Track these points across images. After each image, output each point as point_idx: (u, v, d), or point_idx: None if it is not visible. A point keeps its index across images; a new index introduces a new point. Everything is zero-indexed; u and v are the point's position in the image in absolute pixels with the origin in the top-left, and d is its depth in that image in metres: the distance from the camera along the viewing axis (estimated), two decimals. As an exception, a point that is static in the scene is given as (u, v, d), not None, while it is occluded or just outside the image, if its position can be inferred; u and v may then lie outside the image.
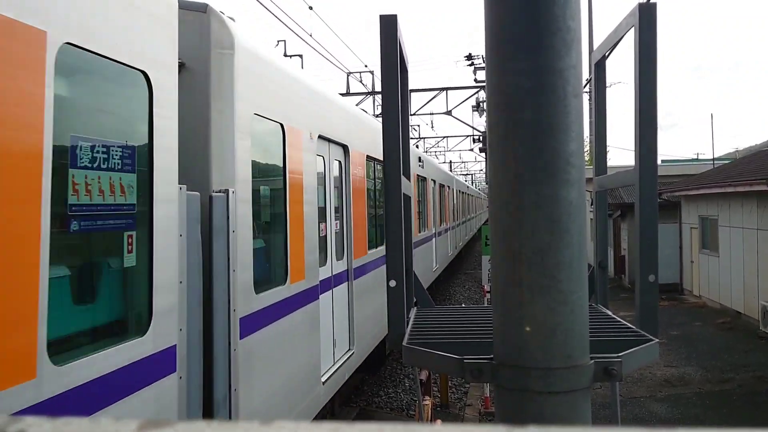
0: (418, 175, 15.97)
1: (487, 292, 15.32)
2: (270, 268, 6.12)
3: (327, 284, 7.67)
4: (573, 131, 1.70)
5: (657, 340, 2.22)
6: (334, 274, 8.02)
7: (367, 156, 9.79)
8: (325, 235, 7.69)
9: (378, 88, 29.18)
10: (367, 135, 9.78)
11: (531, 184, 1.70)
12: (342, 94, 15.55)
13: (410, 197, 3.28)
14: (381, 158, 2.36)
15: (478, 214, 49.17)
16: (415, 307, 3.18)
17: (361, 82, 28.82)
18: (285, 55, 18.47)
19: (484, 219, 54.98)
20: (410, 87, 4.04)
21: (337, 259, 8.21)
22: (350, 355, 8.35)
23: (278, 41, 19.54)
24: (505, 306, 1.77)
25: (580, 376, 1.71)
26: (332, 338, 7.83)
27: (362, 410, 10.44)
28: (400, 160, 2.38)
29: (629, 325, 2.57)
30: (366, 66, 28.76)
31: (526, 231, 1.70)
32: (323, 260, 7.50)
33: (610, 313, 2.94)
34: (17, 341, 2.78)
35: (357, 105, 19.02)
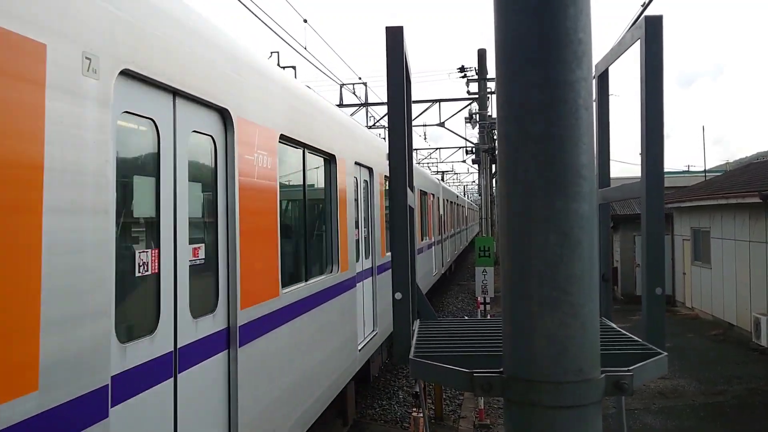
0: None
1: (481, 303, 15.27)
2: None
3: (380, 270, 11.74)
4: (584, 143, 1.69)
5: (666, 353, 2.21)
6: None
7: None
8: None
9: (371, 99, 29.26)
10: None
11: (541, 197, 1.68)
12: (337, 106, 15.59)
13: (413, 209, 3.28)
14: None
15: (464, 228, 46.50)
16: (418, 320, 3.16)
17: (354, 93, 28.89)
18: (278, 65, 18.39)
19: (475, 231, 54.80)
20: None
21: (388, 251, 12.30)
22: None
23: (271, 53, 19.58)
24: (515, 319, 1.75)
25: (592, 390, 1.69)
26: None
27: (356, 422, 10.38)
28: (405, 173, 2.37)
29: (635, 337, 2.56)
30: (360, 78, 28.89)
31: (537, 244, 1.69)
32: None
33: (614, 325, 2.94)
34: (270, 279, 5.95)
35: (351, 116, 18.91)
